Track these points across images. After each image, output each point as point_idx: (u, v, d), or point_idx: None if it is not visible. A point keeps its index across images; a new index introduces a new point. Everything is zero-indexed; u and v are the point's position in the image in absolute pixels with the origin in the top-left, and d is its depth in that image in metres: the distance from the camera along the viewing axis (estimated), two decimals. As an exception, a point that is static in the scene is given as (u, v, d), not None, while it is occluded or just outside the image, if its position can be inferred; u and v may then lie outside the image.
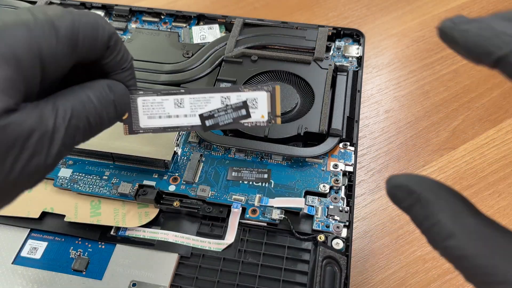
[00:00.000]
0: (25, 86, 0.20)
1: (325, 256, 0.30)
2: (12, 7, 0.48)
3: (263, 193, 0.33)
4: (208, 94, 0.28)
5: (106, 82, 0.25)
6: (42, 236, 0.32)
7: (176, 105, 0.28)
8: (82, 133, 0.23)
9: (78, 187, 0.34)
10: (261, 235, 0.32)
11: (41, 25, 0.21)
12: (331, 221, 0.32)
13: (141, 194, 0.32)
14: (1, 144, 0.19)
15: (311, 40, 0.43)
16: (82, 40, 0.22)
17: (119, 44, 0.24)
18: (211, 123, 0.28)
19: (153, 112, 0.28)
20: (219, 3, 0.58)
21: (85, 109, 0.23)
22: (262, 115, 0.28)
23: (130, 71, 0.26)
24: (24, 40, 0.20)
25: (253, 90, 0.27)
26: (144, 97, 0.27)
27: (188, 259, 0.31)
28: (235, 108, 0.28)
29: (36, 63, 0.21)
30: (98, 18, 0.23)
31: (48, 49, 0.21)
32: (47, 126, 0.20)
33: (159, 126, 0.28)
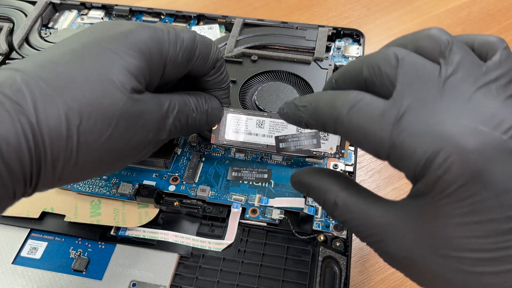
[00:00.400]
0: (150, 78, 0.25)
1: (325, 256, 0.30)
2: (12, 7, 0.48)
3: (263, 193, 0.33)
4: None
5: (205, 95, 0.30)
6: (42, 236, 0.32)
7: (257, 125, 0.32)
8: (180, 127, 0.28)
9: (78, 187, 0.34)
10: (261, 235, 0.32)
11: (172, 35, 0.26)
12: (331, 221, 0.32)
13: (141, 194, 0.32)
14: (131, 115, 0.23)
15: (311, 40, 0.43)
16: (198, 55, 0.27)
17: (223, 67, 0.30)
18: (284, 146, 0.31)
19: (237, 128, 0.32)
20: (219, 3, 0.58)
21: (187, 109, 0.28)
22: (331, 147, 0.31)
23: (226, 91, 0.32)
24: (157, 41, 0.25)
25: None
26: (233, 114, 0.32)
27: (188, 259, 0.31)
28: (308, 137, 0.31)
29: (162, 62, 0.26)
30: (212, 42, 0.29)
31: (173, 54, 0.26)
32: (163, 111, 0.26)
33: (240, 141, 0.32)
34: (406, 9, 0.56)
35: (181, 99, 0.28)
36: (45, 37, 0.46)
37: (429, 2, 0.57)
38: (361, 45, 0.44)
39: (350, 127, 0.20)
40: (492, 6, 0.56)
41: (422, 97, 0.19)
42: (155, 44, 0.25)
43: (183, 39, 0.26)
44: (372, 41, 0.53)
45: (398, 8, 0.57)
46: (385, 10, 0.57)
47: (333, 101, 0.21)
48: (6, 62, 0.43)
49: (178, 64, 0.27)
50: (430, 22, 0.54)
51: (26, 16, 0.47)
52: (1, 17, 0.48)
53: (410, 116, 0.19)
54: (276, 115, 0.32)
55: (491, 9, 0.56)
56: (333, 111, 0.21)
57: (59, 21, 0.49)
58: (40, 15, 0.47)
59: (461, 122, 0.18)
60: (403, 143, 0.19)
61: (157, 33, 0.25)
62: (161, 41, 0.25)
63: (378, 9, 0.57)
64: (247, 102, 0.39)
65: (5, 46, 0.44)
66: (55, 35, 0.46)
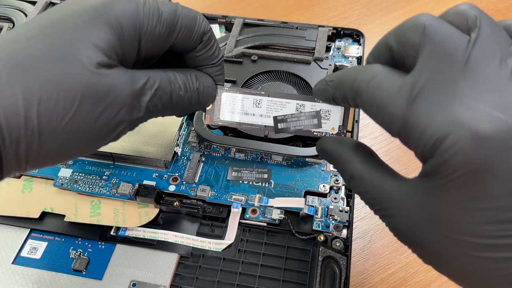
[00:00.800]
0: (122, 52, 0.24)
1: (325, 256, 0.30)
2: (12, 7, 0.48)
3: (263, 193, 0.33)
4: (285, 99, 0.30)
5: (195, 72, 0.28)
6: (42, 236, 0.32)
7: (254, 104, 0.30)
8: (162, 106, 0.26)
9: (78, 187, 0.34)
10: (261, 235, 0.32)
11: (148, 6, 0.24)
12: (331, 221, 0.32)
13: (141, 194, 0.32)
14: (96, 92, 0.22)
15: (311, 40, 0.43)
16: (179, 28, 0.25)
17: (212, 40, 0.28)
18: (283, 126, 0.30)
19: (233, 108, 0.30)
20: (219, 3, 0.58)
21: (171, 87, 0.26)
22: (333, 127, 0.29)
23: (219, 67, 0.29)
24: (130, 14, 0.23)
25: None
26: (228, 92, 0.30)
27: (188, 259, 0.31)
28: (308, 116, 0.29)
29: (136, 37, 0.24)
30: (197, 14, 0.27)
31: (149, 27, 0.24)
32: (136, 87, 0.24)
33: (236, 121, 0.30)
34: (406, 9, 0.56)
35: (164, 76, 0.26)
36: (45, 37, 0.46)
37: (429, 2, 0.57)
38: (361, 45, 0.44)
39: (368, 100, 0.21)
40: (492, 6, 0.56)
41: (443, 73, 0.18)
42: (127, 17, 0.23)
43: (161, 12, 0.25)
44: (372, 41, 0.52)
45: (398, 8, 0.57)
46: (385, 10, 0.57)
47: (355, 74, 0.22)
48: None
49: (156, 38, 0.25)
50: (430, 22, 0.54)
51: (26, 16, 0.47)
52: (1, 17, 0.48)
53: (426, 94, 0.18)
54: (274, 93, 0.30)
55: (491, 9, 0.56)
56: (353, 83, 0.22)
57: (59, 21, 0.49)
58: (40, 15, 0.47)
59: (478, 106, 0.17)
60: (415, 122, 0.19)
61: (131, 5, 0.24)
62: (135, 13, 0.24)
63: (378, 9, 0.57)
64: (247, 102, 0.39)
65: (5, 46, 0.44)
66: (55, 35, 0.46)
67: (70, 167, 0.35)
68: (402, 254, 0.36)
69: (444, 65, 0.19)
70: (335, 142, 0.26)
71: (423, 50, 0.19)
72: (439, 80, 0.18)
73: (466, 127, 0.17)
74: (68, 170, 0.35)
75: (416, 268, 0.35)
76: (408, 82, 0.19)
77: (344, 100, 0.23)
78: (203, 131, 0.36)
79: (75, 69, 0.21)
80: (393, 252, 0.36)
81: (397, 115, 0.19)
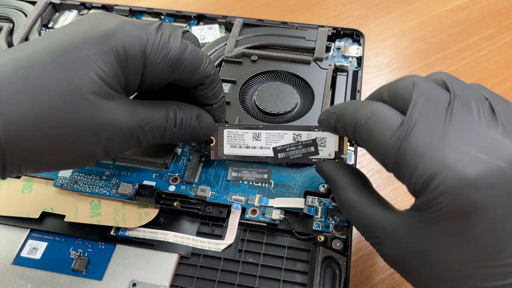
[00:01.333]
0: (125, 82, 0.25)
1: (325, 257, 0.30)
2: (12, 7, 0.48)
3: (263, 193, 0.33)
4: (282, 130, 0.32)
5: (199, 111, 0.30)
6: (42, 236, 0.32)
7: (254, 138, 0.33)
8: (154, 139, 0.27)
9: (78, 187, 0.34)
10: (261, 235, 0.32)
11: (158, 42, 0.25)
12: (331, 221, 0.32)
13: (141, 194, 0.32)
14: (95, 123, 0.23)
15: (311, 40, 0.43)
16: (183, 68, 0.26)
17: (213, 84, 0.29)
18: (282, 155, 0.32)
19: (235, 142, 0.33)
20: (219, 3, 0.58)
21: (166, 124, 0.27)
22: (330, 153, 0.32)
23: (219, 108, 0.31)
24: (139, 44, 0.25)
25: (323, 130, 0.32)
26: (229, 129, 0.33)
27: (188, 259, 0.31)
28: (305, 145, 0.32)
29: (140, 67, 0.25)
30: (204, 57, 0.28)
31: (154, 61, 0.25)
32: (132, 124, 0.25)
33: (238, 154, 0.33)
34: (406, 9, 0.56)
35: (164, 113, 0.27)
36: (45, 37, 0.46)
37: (429, 2, 0.57)
38: (361, 45, 0.44)
39: (365, 136, 0.23)
40: (492, 6, 0.56)
41: (431, 120, 0.20)
42: (135, 47, 0.24)
43: (170, 48, 0.26)
44: (372, 41, 0.53)
45: (398, 8, 0.57)
46: (385, 10, 0.57)
47: (356, 110, 0.24)
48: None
49: (159, 72, 0.26)
50: (430, 22, 0.54)
51: (26, 16, 0.47)
52: (1, 17, 0.48)
53: (417, 137, 0.20)
54: (271, 126, 0.33)
55: (491, 9, 0.56)
56: (353, 119, 0.23)
57: (59, 21, 0.49)
58: (40, 15, 0.47)
59: (463, 149, 0.19)
60: (407, 161, 0.20)
61: (140, 34, 0.25)
62: (143, 45, 0.25)
63: (378, 9, 0.57)
64: (247, 102, 0.39)
65: (5, 46, 0.44)
66: (55, 35, 0.46)
67: (70, 167, 0.35)
68: (402, 254, 0.36)
69: (433, 113, 0.21)
70: (332, 167, 0.28)
71: (413, 102, 0.21)
72: (429, 125, 0.20)
73: (452, 168, 0.19)
74: (68, 170, 0.35)
75: (416, 268, 0.35)
76: (403, 123, 0.21)
77: (343, 133, 0.25)
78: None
79: (80, 103, 0.23)
80: (393, 252, 0.36)
81: (391, 153, 0.21)
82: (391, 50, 0.52)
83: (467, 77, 0.48)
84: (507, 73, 0.48)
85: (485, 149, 0.19)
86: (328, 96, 0.39)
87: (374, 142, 0.22)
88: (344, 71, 0.41)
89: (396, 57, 0.51)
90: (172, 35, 0.26)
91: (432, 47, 0.52)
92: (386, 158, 0.22)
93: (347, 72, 0.41)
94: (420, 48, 0.52)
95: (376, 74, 0.49)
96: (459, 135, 0.20)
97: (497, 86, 0.47)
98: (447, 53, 0.51)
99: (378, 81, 0.48)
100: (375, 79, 0.49)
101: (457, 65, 0.49)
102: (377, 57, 0.51)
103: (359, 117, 0.23)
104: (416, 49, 0.52)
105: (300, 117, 0.37)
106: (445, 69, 0.49)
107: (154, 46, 0.25)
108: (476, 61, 0.50)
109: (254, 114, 0.38)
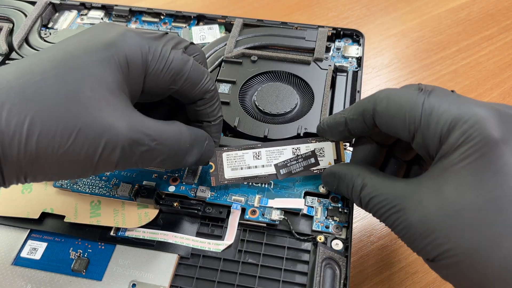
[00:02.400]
0: (128, 90, 0.25)
1: (325, 257, 0.30)
2: (12, 7, 0.49)
3: (263, 193, 0.33)
4: (281, 146, 0.33)
5: (206, 136, 0.30)
6: (41, 237, 0.32)
7: (254, 157, 0.32)
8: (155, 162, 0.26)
9: (78, 187, 0.34)
10: (260, 236, 0.32)
11: (160, 51, 0.26)
12: (330, 221, 0.32)
13: (140, 195, 0.32)
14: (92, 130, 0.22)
15: (310, 41, 0.43)
16: (184, 80, 0.27)
17: (213, 100, 0.30)
18: (284, 171, 0.32)
19: (235, 165, 0.32)
20: (219, 3, 0.58)
21: (180, 142, 0.27)
22: (329, 162, 0.32)
23: (216, 126, 0.31)
24: (140, 54, 0.25)
25: (319, 141, 0.33)
26: (228, 152, 0.32)
27: (188, 260, 0.31)
28: (305, 157, 0.32)
29: (142, 75, 0.25)
30: (205, 73, 0.28)
31: (155, 70, 0.25)
32: (133, 135, 0.24)
33: (240, 177, 0.32)
34: (406, 9, 0.56)
35: (174, 131, 0.26)
36: (45, 37, 0.46)
37: (429, 2, 0.57)
38: (360, 46, 0.44)
39: (387, 103, 0.24)
40: (492, 6, 0.56)
41: (444, 91, 0.23)
42: (137, 56, 0.25)
43: (172, 59, 0.26)
44: (372, 41, 0.53)
45: (398, 8, 0.57)
46: (385, 10, 0.57)
47: (370, 95, 0.26)
48: (6, 62, 0.43)
49: (160, 81, 0.26)
50: (430, 22, 0.54)
51: (26, 16, 0.47)
52: (1, 17, 0.48)
53: (438, 95, 0.23)
54: (269, 144, 0.33)
55: (491, 9, 0.56)
56: (370, 99, 0.25)
57: (59, 21, 0.49)
58: (40, 15, 0.47)
59: (481, 103, 0.22)
60: (433, 110, 0.22)
61: (142, 43, 0.25)
62: (145, 54, 0.25)
63: (378, 9, 0.57)
64: (247, 102, 0.39)
65: (4, 46, 0.44)
66: (54, 35, 0.46)
67: (70, 167, 0.35)
68: (402, 254, 0.36)
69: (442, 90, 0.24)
70: (342, 165, 0.29)
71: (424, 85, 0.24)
72: (443, 92, 0.23)
73: (479, 109, 0.21)
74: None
75: (416, 268, 0.35)
76: (422, 90, 0.24)
77: (360, 116, 0.26)
78: None
79: (77, 108, 0.22)
80: (392, 253, 0.36)
81: (416, 109, 0.23)
82: (391, 50, 0.52)
83: (467, 77, 0.48)
84: (507, 73, 0.48)
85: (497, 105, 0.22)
86: (328, 96, 0.39)
87: (396, 106, 0.24)
88: (344, 72, 0.41)
89: (396, 57, 0.51)
90: (176, 46, 0.27)
91: (432, 47, 0.52)
92: (410, 116, 0.23)
93: (347, 73, 0.41)
94: (420, 48, 0.52)
95: (376, 74, 0.49)
96: (471, 100, 0.22)
97: (497, 86, 0.47)
98: (447, 53, 0.51)
99: (378, 81, 0.48)
100: (375, 79, 0.49)
101: (457, 65, 0.49)
102: (377, 57, 0.51)
103: (377, 96, 0.25)
104: (416, 49, 0.52)
105: (300, 117, 0.37)
106: (445, 69, 0.49)
107: (155, 55, 0.25)
108: (476, 61, 0.50)
109: (254, 114, 0.38)
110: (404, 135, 0.24)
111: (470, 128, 0.21)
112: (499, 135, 0.20)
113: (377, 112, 0.25)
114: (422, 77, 0.48)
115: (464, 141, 0.21)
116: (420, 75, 0.49)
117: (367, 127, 0.26)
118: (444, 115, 0.22)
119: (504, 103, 0.23)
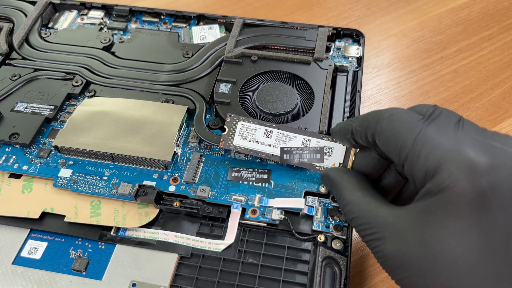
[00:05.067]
0: None
1: (325, 257, 0.30)
2: (12, 7, 0.48)
3: (263, 193, 0.33)
4: (293, 133, 0.33)
5: None
6: (42, 236, 0.32)
7: (265, 134, 0.33)
8: None
9: (78, 187, 0.34)
10: (261, 236, 0.32)
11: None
12: (331, 221, 0.32)
13: (141, 195, 0.32)
14: None
15: (311, 40, 0.43)
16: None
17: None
18: (288, 157, 0.33)
19: (246, 135, 0.34)
20: (219, 3, 0.58)
21: None
22: (334, 164, 0.33)
23: None
24: None
25: (332, 140, 0.33)
26: (243, 122, 0.34)
27: (188, 259, 0.31)
28: (312, 151, 0.33)
29: None
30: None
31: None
32: None
33: (246, 147, 0.33)
34: (406, 9, 0.56)
35: None
36: (45, 37, 0.46)
37: (429, 2, 0.57)
38: (361, 45, 0.44)
39: (386, 126, 0.24)
40: (492, 6, 0.56)
41: (447, 121, 0.23)
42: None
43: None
44: (372, 41, 0.53)
45: (398, 8, 0.57)
46: (385, 10, 0.57)
47: (378, 111, 0.26)
48: (6, 62, 0.43)
49: (362, 139, 0.27)
50: (430, 22, 0.54)
51: (26, 16, 0.47)
52: (1, 17, 0.48)
53: (436, 127, 0.22)
54: (284, 127, 0.33)
55: (491, 9, 0.56)
56: (376, 115, 0.25)
57: (59, 21, 0.49)
58: (40, 15, 0.47)
59: (475, 140, 0.21)
60: (425, 142, 0.22)
61: None
62: None
63: (378, 9, 0.57)
64: (247, 102, 0.39)
65: (5, 46, 0.44)
66: (55, 35, 0.46)
67: (70, 167, 0.35)
68: (402, 254, 0.36)
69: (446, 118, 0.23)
70: (339, 171, 0.29)
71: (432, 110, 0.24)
72: (444, 123, 0.23)
73: (469, 153, 0.20)
74: (68, 170, 0.35)
75: (416, 268, 0.35)
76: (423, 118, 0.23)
77: (363, 130, 0.26)
78: (203, 132, 0.36)
79: None
80: (393, 252, 0.36)
81: (409, 138, 0.22)
82: (391, 50, 0.52)
83: (467, 77, 0.48)
84: (507, 73, 0.48)
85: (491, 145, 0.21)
86: (328, 96, 0.39)
87: (394, 129, 0.24)
88: (344, 71, 0.41)
89: (396, 57, 0.51)
90: None
91: (432, 47, 0.52)
92: (402, 143, 0.23)
93: (347, 72, 0.41)
94: (420, 48, 0.52)
95: (376, 74, 0.49)
96: (470, 135, 0.22)
97: (497, 86, 0.47)
98: (447, 53, 0.51)
99: (378, 81, 0.48)
100: (375, 79, 0.49)
101: (457, 65, 0.49)
102: (377, 57, 0.51)
103: (383, 112, 0.25)
104: (416, 49, 0.52)
105: (300, 117, 0.37)
106: (445, 69, 0.49)
107: None
108: (476, 61, 0.50)
109: (254, 114, 0.38)
110: (396, 159, 0.24)
111: (458, 171, 0.20)
112: (487, 183, 0.19)
113: (377, 131, 0.25)
114: (422, 77, 0.48)
115: (449, 184, 0.20)
116: (420, 75, 0.49)
117: (369, 141, 0.26)
118: (434, 151, 0.21)
119: (506, 134, 0.23)
